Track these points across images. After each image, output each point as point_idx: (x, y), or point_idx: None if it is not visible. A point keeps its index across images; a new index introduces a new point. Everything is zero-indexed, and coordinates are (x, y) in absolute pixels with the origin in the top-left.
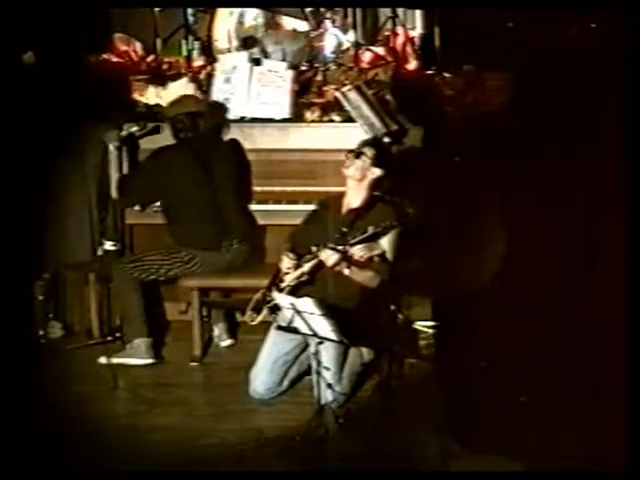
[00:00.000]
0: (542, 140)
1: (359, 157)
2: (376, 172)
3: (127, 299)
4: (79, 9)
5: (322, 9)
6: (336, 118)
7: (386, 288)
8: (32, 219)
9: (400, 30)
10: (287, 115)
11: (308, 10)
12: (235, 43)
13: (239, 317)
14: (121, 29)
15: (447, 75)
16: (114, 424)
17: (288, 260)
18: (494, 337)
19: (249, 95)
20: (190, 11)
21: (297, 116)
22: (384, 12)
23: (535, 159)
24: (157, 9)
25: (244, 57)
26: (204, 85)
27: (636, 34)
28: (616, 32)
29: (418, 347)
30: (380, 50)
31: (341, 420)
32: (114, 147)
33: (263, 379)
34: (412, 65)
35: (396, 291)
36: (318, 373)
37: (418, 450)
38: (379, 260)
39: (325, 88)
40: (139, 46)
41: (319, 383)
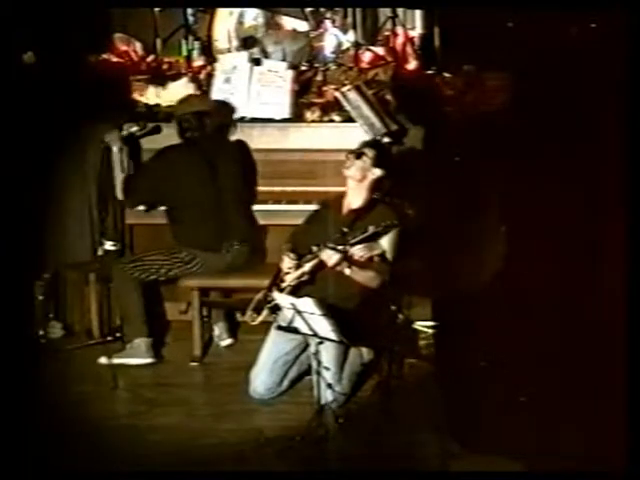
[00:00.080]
0: (542, 140)
1: (360, 157)
2: (377, 172)
3: (127, 299)
4: (79, 9)
5: (322, 9)
6: (336, 118)
7: (386, 288)
8: (32, 219)
9: (400, 30)
10: (287, 115)
11: (308, 10)
12: (235, 43)
13: (239, 317)
14: (121, 29)
15: (447, 75)
16: (114, 424)
17: (289, 260)
18: (494, 337)
19: (249, 95)
20: (190, 11)
21: (297, 116)
22: (384, 12)
23: (535, 159)
24: (157, 9)
25: (244, 57)
26: (204, 85)
27: (636, 34)
28: (616, 32)
29: (418, 347)
30: (380, 50)
31: (341, 420)
32: (118, 148)
33: (263, 379)
34: (412, 65)
35: (396, 291)
36: (318, 373)
37: (418, 450)
38: (379, 260)
39: (325, 88)
40: (139, 46)
41: (319, 383)
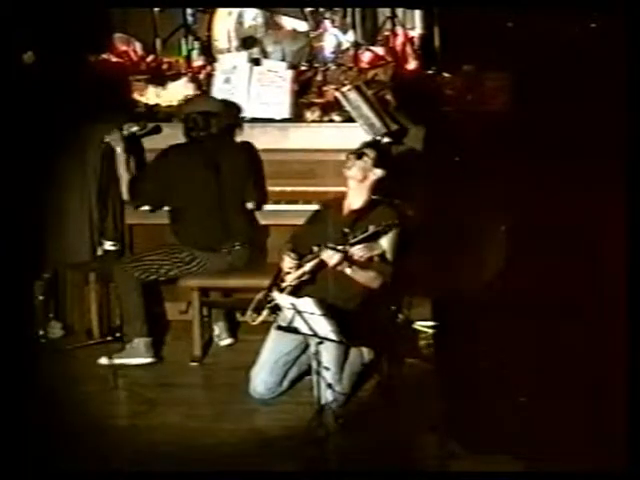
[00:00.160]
0: (542, 140)
1: (361, 158)
2: (378, 173)
3: (127, 299)
4: (79, 9)
5: (322, 9)
6: (336, 118)
7: (386, 288)
8: (32, 219)
9: (400, 30)
10: (287, 115)
11: (308, 10)
12: (235, 43)
13: (239, 317)
14: (121, 29)
15: (447, 75)
16: (114, 424)
17: (290, 260)
18: (494, 337)
19: (249, 95)
20: (190, 11)
21: (297, 116)
22: (383, 12)
23: (535, 159)
24: (157, 9)
25: (244, 57)
26: (204, 85)
27: (636, 34)
28: (616, 32)
29: (418, 347)
30: (380, 50)
31: (341, 420)
32: (121, 149)
33: (263, 379)
34: (412, 65)
35: (396, 291)
36: (318, 373)
37: (418, 450)
38: (379, 260)
39: (325, 88)
40: (139, 46)
41: (319, 383)
